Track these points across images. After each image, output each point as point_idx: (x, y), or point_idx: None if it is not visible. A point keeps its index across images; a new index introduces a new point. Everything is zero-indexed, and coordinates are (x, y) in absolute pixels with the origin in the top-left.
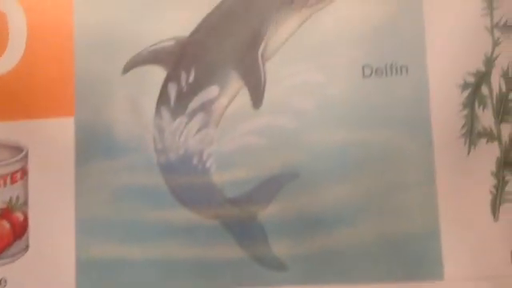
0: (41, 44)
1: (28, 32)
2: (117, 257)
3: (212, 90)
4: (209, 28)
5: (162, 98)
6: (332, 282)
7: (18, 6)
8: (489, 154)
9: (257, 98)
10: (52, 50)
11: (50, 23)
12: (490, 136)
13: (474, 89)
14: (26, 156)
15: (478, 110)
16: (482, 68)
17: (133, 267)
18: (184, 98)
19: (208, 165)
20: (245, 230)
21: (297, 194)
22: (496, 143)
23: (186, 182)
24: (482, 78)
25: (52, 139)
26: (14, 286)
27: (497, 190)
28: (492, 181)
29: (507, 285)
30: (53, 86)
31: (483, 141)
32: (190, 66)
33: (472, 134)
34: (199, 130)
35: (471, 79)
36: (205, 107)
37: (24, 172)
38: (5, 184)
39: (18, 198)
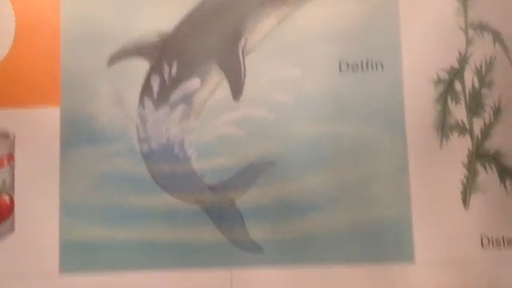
0: (28, 37)
1: (16, 26)
2: (99, 239)
3: (194, 82)
4: (191, 23)
5: (146, 89)
6: (305, 265)
7: (7, 0)
8: (461, 147)
9: (237, 90)
10: (39, 42)
11: (37, 17)
12: (462, 129)
13: (448, 85)
14: (13, 142)
15: (451, 105)
16: (456, 65)
17: (115, 249)
18: (166, 89)
19: (189, 153)
20: (223, 215)
21: (273, 182)
22: (468, 136)
23: (167, 170)
24: (456, 74)
25: (38, 127)
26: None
27: (468, 181)
28: (463, 172)
29: (477, 269)
30: (40, 77)
31: (455, 134)
32: (172, 59)
33: (444, 128)
34: (181, 120)
35: (445, 75)
36: (186, 98)
37: (10, 157)
38: None
39: (4, 181)
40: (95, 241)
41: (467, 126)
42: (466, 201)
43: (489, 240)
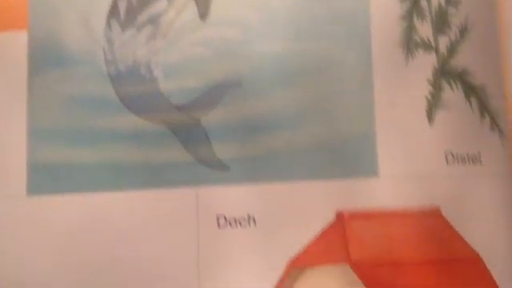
0: None
1: None
2: (67, 161)
3: (160, 4)
4: None
5: (112, 11)
6: (271, 181)
7: None
8: (426, 64)
9: (203, 9)
10: None
11: None
12: (428, 47)
13: (413, 1)
14: None
15: (417, 22)
16: None
17: (83, 171)
18: (133, 11)
19: (155, 74)
20: (189, 134)
21: (239, 101)
22: (433, 53)
23: (134, 91)
24: None
25: (6, 51)
26: None
27: (432, 97)
28: (428, 88)
29: (442, 185)
30: (7, 0)
31: (421, 51)
32: None
33: (410, 45)
34: (147, 41)
35: None
36: (153, 20)
37: None
38: None
39: None
40: (63, 163)
41: (433, 44)
42: (430, 117)
43: (453, 156)
